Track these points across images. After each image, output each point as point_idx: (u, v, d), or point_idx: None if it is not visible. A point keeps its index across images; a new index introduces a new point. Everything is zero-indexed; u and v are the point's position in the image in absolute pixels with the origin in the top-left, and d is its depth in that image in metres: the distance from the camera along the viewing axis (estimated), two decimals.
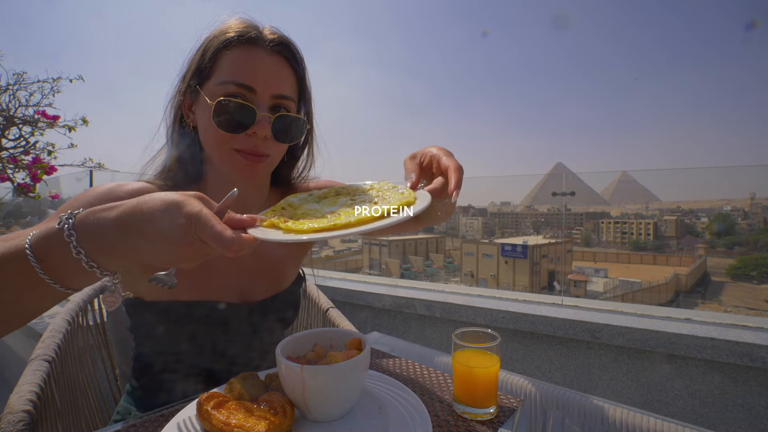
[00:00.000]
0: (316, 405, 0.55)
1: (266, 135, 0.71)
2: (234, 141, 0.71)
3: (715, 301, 31.04)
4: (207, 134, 0.73)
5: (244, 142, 0.71)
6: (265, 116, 0.70)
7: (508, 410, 0.64)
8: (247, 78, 0.70)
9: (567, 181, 2.73)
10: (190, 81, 0.74)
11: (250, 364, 0.85)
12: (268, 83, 0.71)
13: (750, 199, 22.87)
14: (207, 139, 0.73)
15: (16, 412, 0.62)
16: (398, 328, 2.36)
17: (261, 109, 0.70)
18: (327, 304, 1.25)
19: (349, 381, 0.55)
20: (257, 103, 0.71)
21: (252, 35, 0.71)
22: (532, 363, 2.00)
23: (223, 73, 0.70)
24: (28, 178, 1.79)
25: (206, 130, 0.72)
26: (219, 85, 0.70)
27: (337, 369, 0.53)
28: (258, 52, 0.71)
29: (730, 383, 1.61)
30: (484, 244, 25.73)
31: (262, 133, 0.70)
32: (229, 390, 0.60)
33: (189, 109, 0.77)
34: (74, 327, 0.95)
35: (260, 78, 0.70)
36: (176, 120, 0.78)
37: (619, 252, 55.54)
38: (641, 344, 1.72)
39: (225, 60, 0.71)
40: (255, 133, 0.70)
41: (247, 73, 0.70)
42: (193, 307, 0.75)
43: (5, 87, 1.87)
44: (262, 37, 0.73)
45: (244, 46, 0.71)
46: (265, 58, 0.72)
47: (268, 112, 0.71)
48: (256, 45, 0.72)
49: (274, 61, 0.73)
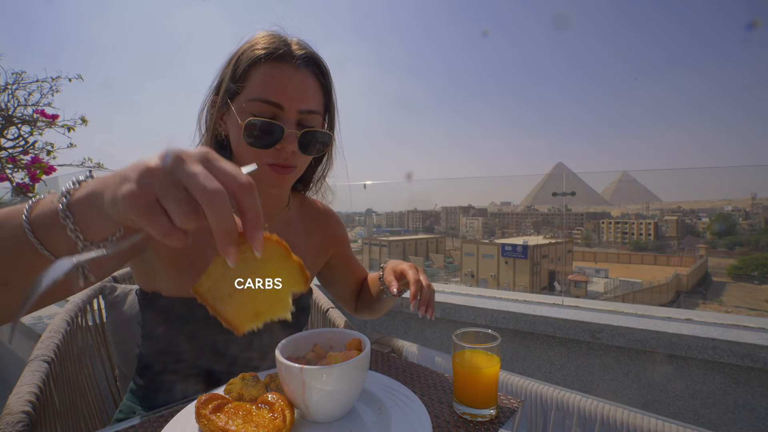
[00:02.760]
0: (316, 406, 0.54)
1: (294, 149, 0.75)
2: (264, 156, 0.75)
3: (716, 301, 31.03)
4: (238, 148, 0.76)
5: (274, 156, 0.75)
6: (292, 133, 0.74)
7: (508, 411, 0.63)
8: (274, 95, 0.73)
9: (567, 181, 2.73)
10: (222, 95, 0.77)
11: (250, 364, 0.85)
12: (295, 99, 0.74)
13: (751, 199, 22.85)
14: (238, 152, 0.77)
15: (15, 412, 0.62)
16: (398, 328, 2.36)
17: (288, 125, 0.74)
18: (327, 304, 1.25)
19: (349, 381, 0.55)
20: (284, 119, 0.74)
21: (281, 52, 0.74)
22: (532, 363, 1.99)
23: (252, 90, 0.74)
24: (27, 178, 1.79)
25: (237, 144, 0.76)
26: (249, 101, 0.73)
27: (337, 369, 0.53)
28: (286, 69, 0.74)
29: (731, 384, 1.60)
30: (484, 244, 25.74)
31: (289, 149, 0.74)
32: (228, 391, 0.60)
33: (221, 119, 0.80)
34: (73, 327, 0.95)
35: (287, 95, 0.74)
36: (209, 130, 0.82)
37: (620, 252, 55.53)
38: (642, 345, 1.72)
39: (254, 77, 0.74)
40: (284, 148, 0.74)
41: (275, 90, 0.73)
42: (194, 305, 0.75)
43: (4, 86, 1.87)
44: (290, 53, 0.75)
45: (273, 62, 0.74)
46: (293, 74, 0.75)
47: (294, 127, 0.75)
48: (284, 61, 0.75)
49: (302, 76, 0.76)
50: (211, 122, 0.81)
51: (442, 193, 12.97)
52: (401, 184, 4.13)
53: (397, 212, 10.47)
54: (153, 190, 0.35)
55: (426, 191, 3.90)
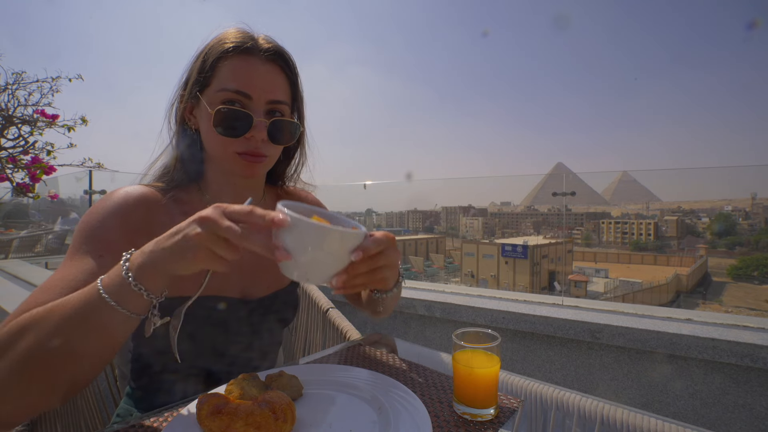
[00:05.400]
0: (297, 256, 0.54)
1: (263, 138, 0.76)
2: (234, 144, 0.76)
3: (716, 301, 31.04)
4: (208, 139, 0.78)
5: (244, 145, 0.76)
6: (261, 121, 0.76)
7: (508, 411, 0.63)
8: (243, 85, 0.75)
9: (567, 181, 2.73)
10: (191, 87, 0.79)
11: (250, 364, 0.85)
12: (263, 90, 0.76)
13: (751, 199, 22.86)
14: (209, 142, 0.79)
15: None
16: (398, 329, 2.36)
17: (257, 114, 0.76)
18: (327, 304, 1.25)
19: (332, 249, 0.55)
20: (253, 108, 0.76)
21: (248, 45, 0.77)
22: (532, 363, 1.99)
23: (221, 81, 0.76)
24: (27, 178, 1.78)
25: (207, 134, 0.78)
26: (218, 92, 0.75)
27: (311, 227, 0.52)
28: (254, 61, 0.77)
29: (730, 384, 1.60)
30: (484, 244, 25.74)
31: (259, 137, 0.76)
32: (229, 391, 0.60)
33: (190, 112, 0.82)
34: None
35: (256, 85, 0.76)
36: (179, 123, 0.83)
37: (620, 252, 55.54)
38: (642, 345, 1.72)
39: (223, 69, 0.76)
40: (253, 137, 0.76)
41: (244, 80, 0.75)
42: (194, 304, 0.75)
43: (4, 86, 1.87)
44: (257, 46, 0.78)
45: (240, 55, 0.76)
46: (260, 66, 0.77)
47: (263, 116, 0.77)
48: (252, 54, 0.77)
49: (269, 69, 0.78)
50: (179, 117, 0.82)
51: (442, 193, 12.98)
52: (401, 184, 4.13)
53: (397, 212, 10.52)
54: (208, 245, 0.52)
55: (426, 191, 3.91)
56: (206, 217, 0.52)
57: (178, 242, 0.53)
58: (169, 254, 0.53)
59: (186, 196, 0.83)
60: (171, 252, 0.53)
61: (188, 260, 0.53)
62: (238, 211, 0.53)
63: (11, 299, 2.50)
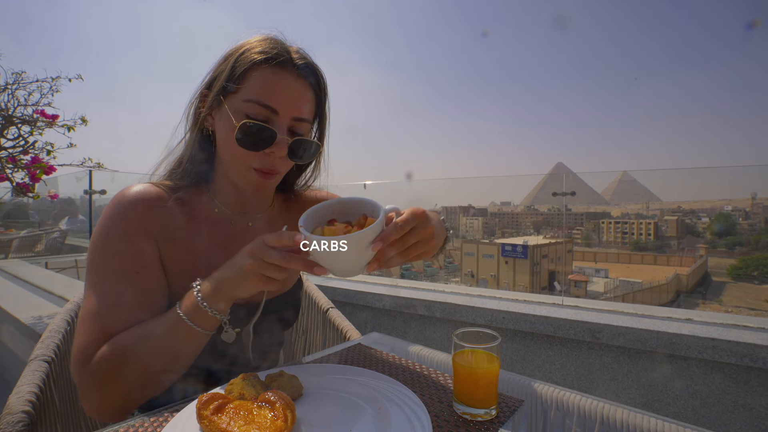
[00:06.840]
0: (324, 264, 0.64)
1: (282, 155, 0.75)
2: (251, 158, 0.75)
3: (716, 301, 31.03)
4: (226, 146, 0.77)
5: (261, 160, 0.75)
6: (284, 139, 0.75)
7: (508, 410, 0.63)
8: (271, 100, 0.73)
9: (567, 181, 2.73)
10: (216, 92, 0.76)
11: (250, 364, 0.85)
12: (290, 106, 0.75)
13: (751, 199, 22.84)
14: (225, 150, 0.78)
15: (15, 412, 0.62)
16: (398, 329, 2.36)
17: (280, 131, 0.74)
18: (327, 304, 1.25)
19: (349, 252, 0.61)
20: (278, 124, 0.75)
21: (282, 59, 0.75)
22: (532, 363, 1.99)
23: (249, 91, 0.74)
24: (27, 178, 1.79)
25: (225, 142, 0.76)
26: (244, 102, 0.73)
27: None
28: (285, 76, 0.75)
29: (730, 384, 1.60)
30: (484, 244, 25.74)
31: (279, 154, 0.75)
32: (229, 391, 0.60)
33: (210, 114, 0.80)
34: (73, 327, 0.95)
35: (284, 101, 0.74)
36: (196, 123, 0.82)
37: (620, 252, 55.52)
38: (642, 344, 1.72)
39: (253, 79, 0.74)
40: (273, 153, 0.75)
41: (273, 95, 0.74)
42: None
43: (4, 86, 1.87)
44: (290, 60, 0.76)
45: (273, 68, 0.74)
46: (292, 82, 0.76)
47: (286, 133, 0.76)
48: (284, 68, 0.75)
49: (299, 85, 0.77)
50: (199, 116, 0.81)
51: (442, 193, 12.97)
52: (401, 184, 4.14)
53: None
54: (261, 272, 0.64)
55: (426, 191, 3.91)
56: (254, 250, 0.64)
57: (236, 273, 0.65)
58: (231, 284, 0.66)
59: (193, 198, 0.83)
60: (231, 282, 0.66)
61: (246, 287, 0.65)
62: (275, 238, 0.64)
63: (11, 299, 2.50)
